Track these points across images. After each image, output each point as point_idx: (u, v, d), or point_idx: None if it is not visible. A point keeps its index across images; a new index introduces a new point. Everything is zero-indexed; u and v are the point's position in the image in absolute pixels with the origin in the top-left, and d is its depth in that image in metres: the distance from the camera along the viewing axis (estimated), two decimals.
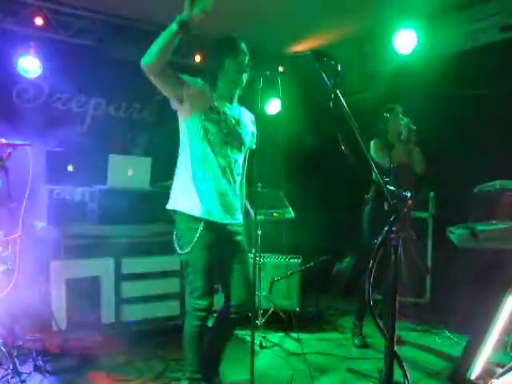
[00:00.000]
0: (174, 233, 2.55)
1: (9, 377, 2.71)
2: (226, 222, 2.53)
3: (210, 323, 2.68)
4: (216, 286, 2.71)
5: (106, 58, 4.76)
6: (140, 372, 3.12)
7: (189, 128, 2.51)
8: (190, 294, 2.55)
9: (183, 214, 2.48)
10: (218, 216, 2.50)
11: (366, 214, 3.91)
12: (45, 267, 3.55)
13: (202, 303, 2.50)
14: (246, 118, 2.69)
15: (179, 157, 2.58)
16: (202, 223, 2.44)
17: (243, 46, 2.55)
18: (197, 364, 2.57)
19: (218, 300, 2.64)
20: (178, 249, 2.51)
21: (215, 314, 2.72)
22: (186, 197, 2.49)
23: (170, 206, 2.56)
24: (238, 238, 2.61)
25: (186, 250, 2.45)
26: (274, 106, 5.52)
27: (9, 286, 2.81)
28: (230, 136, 2.53)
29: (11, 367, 2.75)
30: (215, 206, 2.49)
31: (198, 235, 2.43)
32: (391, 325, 1.67)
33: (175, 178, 2.58)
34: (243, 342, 3.69)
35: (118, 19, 4.76)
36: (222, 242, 2.53)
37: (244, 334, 3.77)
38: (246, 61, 2.52)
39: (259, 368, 3.11)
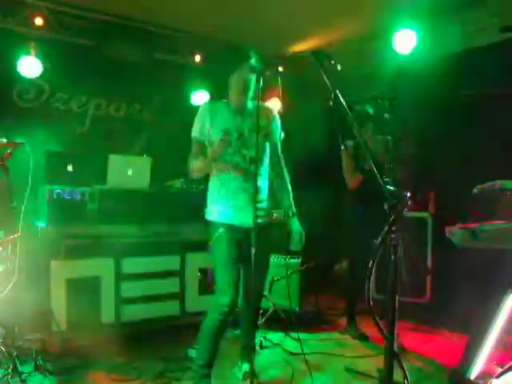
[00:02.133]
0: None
1: (9, 377, 2.71)
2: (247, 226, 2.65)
3: None
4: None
5: (106, 58, 4.76)
6: (140, 372, 3.12)
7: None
8: (215, 289, 2.66)
9: (211, 221, 2.75)
10: (241, 221, 2.67)
11: (347, 222, 4.06)
12: (45, 267, 3.55)
13: (225, 299, 2.58)
14: (262, 116, 2.65)
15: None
16: (225, 227, 2.67)
17: (252, 61, 2.58)
18: (207, 359, 2.62)
19: None
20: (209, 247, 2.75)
21: None
22: (213, 208, 2.76)
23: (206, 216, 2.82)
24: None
25: (211, 243, 2.69)
26: (273, 106, 5.52)
27: (9, 286, 2.81)
28: (244, 149, 2.69)
29: (11, 367, 2.75)
30: (239, 214, 2.68)
31: (221, 230, 2.66)
32: (391, 325, 1.67)
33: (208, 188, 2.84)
34: None
35: (118, 19, 4.76)
36: (243, 239, 2.66)
37: None
38: (252, 76, 2.61)
39: (259, 368, 3.11)
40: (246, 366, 2.95)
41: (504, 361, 2.63)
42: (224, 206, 2.70)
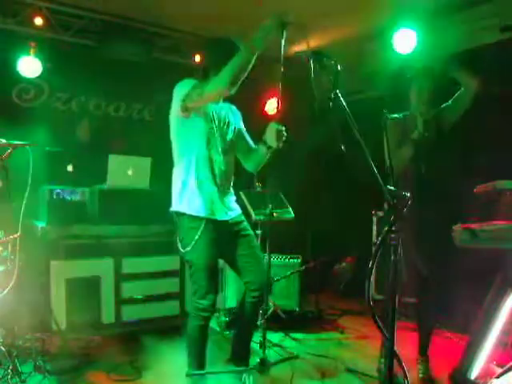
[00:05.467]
0: (177, 233, 2.59)
1: (8, 377, 2.71)
2: (226, 218, 2.60)
3: (214, 324, 2.69)
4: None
5: (106, 58, 4.76)
6: (140, 372, 3.12)
7: (192, 134, 2.55)
8: (193, 293, 2.56)
9: (185, 214, 2.53)
10: (220, 214, 2.56)
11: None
12: (45, 267, 3.55)
13: (205, 303, 2.51)
14: (233, 115, 2.76)
15: (179, 159, 2.61)
16: (203, 222, 2.49)
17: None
18: (198, 364, 2.58)
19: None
20: (181, 249, 2.54)
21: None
22: (188, 198, 2.53)
23: (173, 208, 2.60)
24: (241, 226, 2.66)
25: (188, 249, 2.49)
26: (273, 106, 5.52)
27: (9, 286, 2.80)
28: (224, 139, 2.62)
29: (11, 367, 2.75)
30: (217, 205, 2.55)
31: (199, 234, 2.47)
32: (391, 325, 1.67)
33: (174, 180, 2.62)
34: None
35: (118, 19, 4.76)
36: (225, 236, 2.58)
37: None
38: None
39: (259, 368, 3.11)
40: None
41: (504, 361, 2.63)
42: (202, 197, 2.53)
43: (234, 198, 2.74)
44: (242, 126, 2.80)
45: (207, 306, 2.51)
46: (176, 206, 2.58)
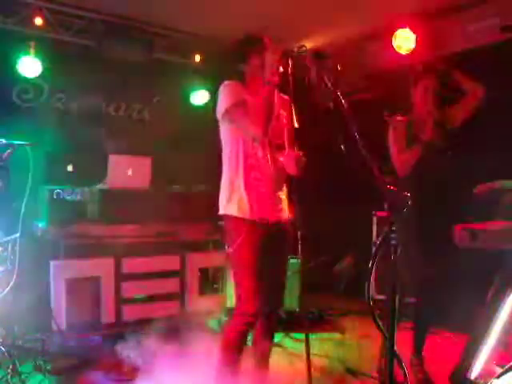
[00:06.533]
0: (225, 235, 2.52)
1: (9, 377, 2.71)
2: (274, 220, 2.47)
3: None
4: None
5: (106, 58, 4.76)
6: (139, 372, 3.11)
7: (238, 132, 2.45)
8: (238, 296, 2.41)
9: (231, 216, 2.43)
10: (267, 216, 2.44)
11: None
12: (45, 267, 3.55)
13: (247, 308, 2.35)
14: (283, 105, 2.61)
15: (226, 158, 2.51)
16: (249, 225, 2.38)
17: (266, 40, 2.56)
18: (230, 370, 2.40)
19: None
20: (226, 250, 2.49)
21: None
22: (234, 200, 2.44)
23: (220, 210, 2.51)
24: (285, 238, 2.53)
25: (231, 250, 2.40)
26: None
27: (9, 286, 2.81)
28: (274, 134, 2.49)
29: (11, 367, 2.75)
30: (265, 208, 2.44)
31: (243, 236, 2.37)
32: (391, 325, 1.67)
33: (222, 180, 2.52)
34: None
35: (118, 19, 4.76)
36: (272, 246, 2.44)
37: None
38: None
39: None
40: None
41: (504, 361, 2.63)
42: (250, 197, 2.41)
43: (284, 199, 2.59)
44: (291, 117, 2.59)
45: (249, 311, 2.34)
46: (222, 207, 2.49)
